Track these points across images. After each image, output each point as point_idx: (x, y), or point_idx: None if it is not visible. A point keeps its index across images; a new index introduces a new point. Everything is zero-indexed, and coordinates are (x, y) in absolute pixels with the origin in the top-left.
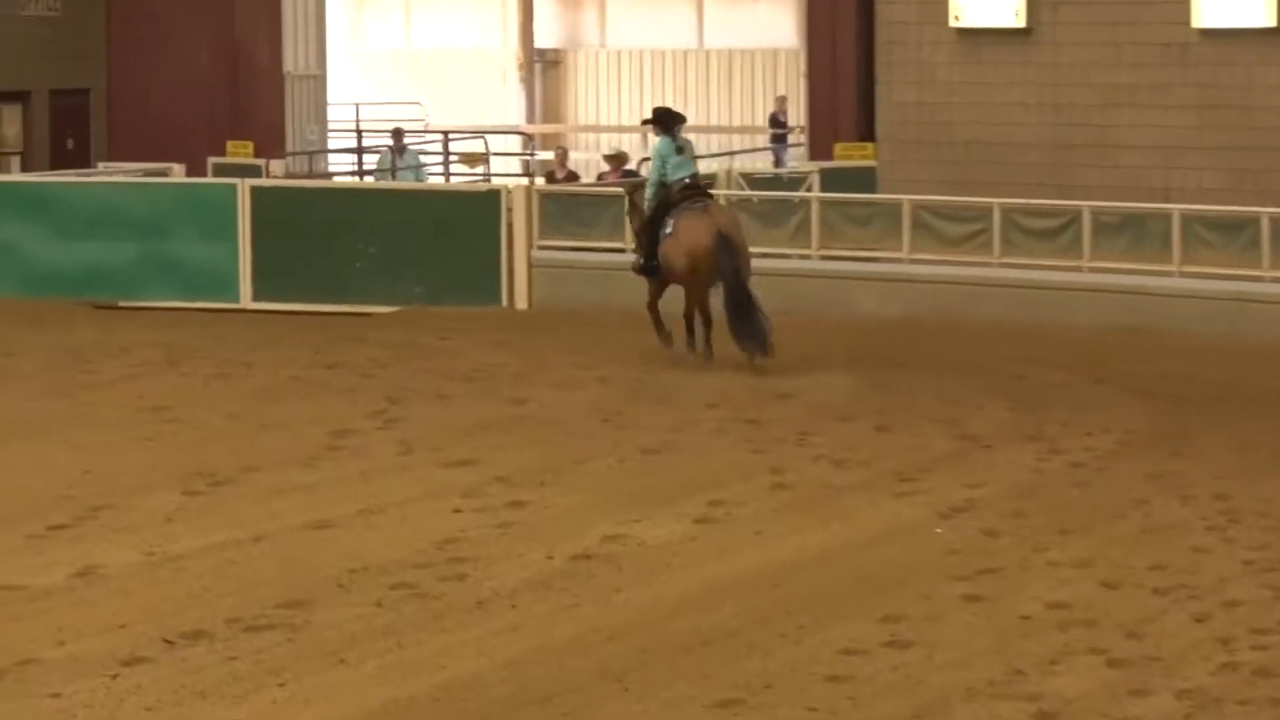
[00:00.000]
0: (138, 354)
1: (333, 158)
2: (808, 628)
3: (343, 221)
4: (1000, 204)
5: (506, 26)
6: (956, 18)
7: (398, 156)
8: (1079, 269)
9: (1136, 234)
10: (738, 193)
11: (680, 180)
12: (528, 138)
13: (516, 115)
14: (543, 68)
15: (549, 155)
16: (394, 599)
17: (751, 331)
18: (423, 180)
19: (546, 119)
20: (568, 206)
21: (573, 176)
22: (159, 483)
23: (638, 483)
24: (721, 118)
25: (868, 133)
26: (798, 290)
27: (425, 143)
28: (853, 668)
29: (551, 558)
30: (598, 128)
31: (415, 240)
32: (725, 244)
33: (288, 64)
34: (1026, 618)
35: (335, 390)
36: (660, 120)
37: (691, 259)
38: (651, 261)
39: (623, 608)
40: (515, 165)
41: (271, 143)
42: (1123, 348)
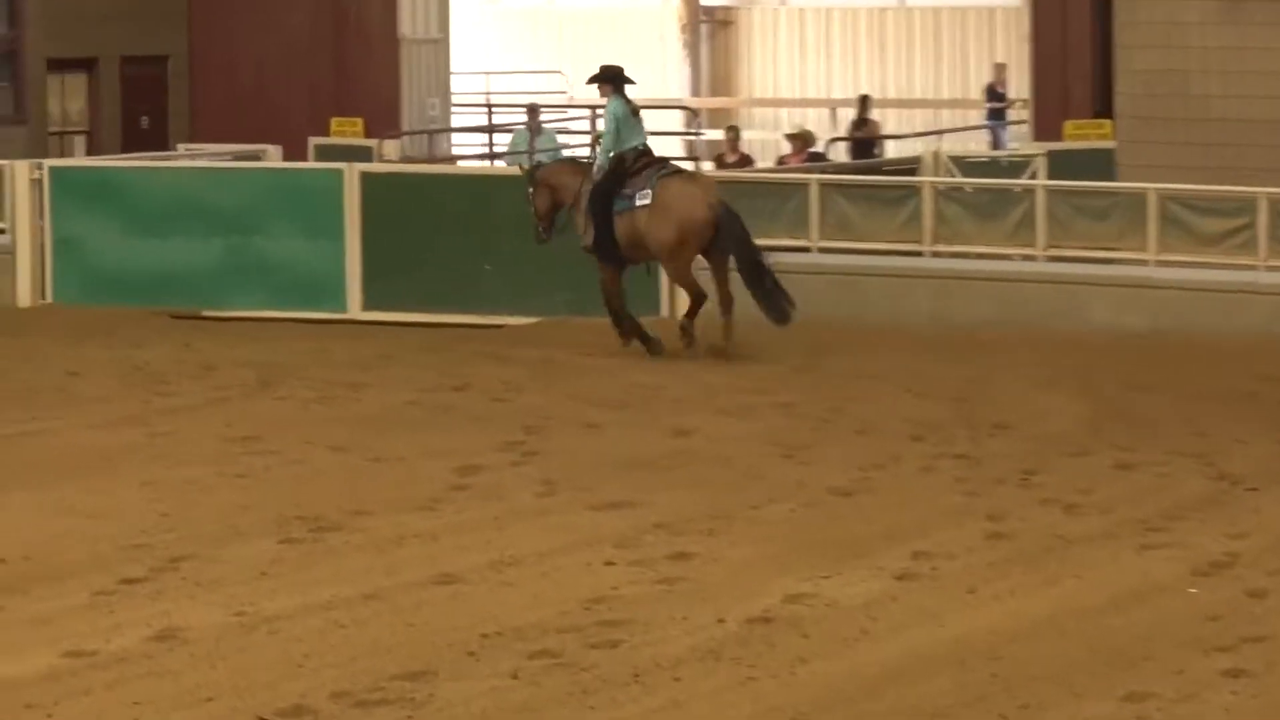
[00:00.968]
0: (224, 374)
1: (457, 137)
2: (1033, 708)
3: (470, 215)
4: (1267, 195)
5: None
6: None
7: (534, 137)
8: None
9: None
10: (947, 180)
11: (634, 148)
12: (692, 114)
13: (678, 87)
14: (710, 29)
15: (718, 135)
16: (533, 669)
17: (778, 299)
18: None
19: (714, 91)
20: (741, 196)
21: (746, 160)
22: (251, 529)
23: (826, 531)
24: (927, 89)
25: (1104, 108)
26: (1019, 297)
27: (567, 119)
28: None
29: (722, 621)
30: (777, 101)
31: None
32: (726, 212)
33: (403, 26)
34: None
35: (462, 418)
36: (612, 79)
37: (682, 230)
38: (606, 239)
39: (808, 683)
40: (677, 147)
41: (384, 120)
42: None
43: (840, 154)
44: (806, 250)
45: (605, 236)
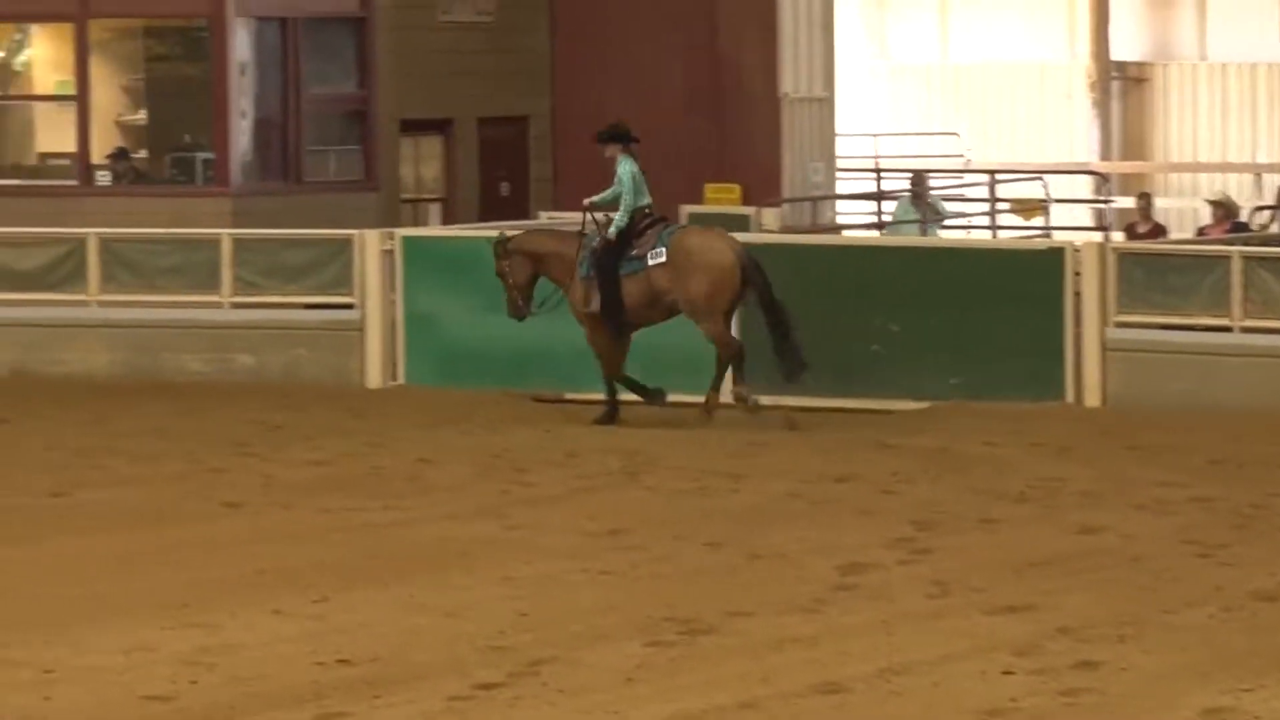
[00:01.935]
0: (588, 461)
1: (842, 205)
2: None
3: (856, 290)
4: None
5: (1074, 33)
6: None
7: (919, 206)
8: None
9: None
10: None
11: (641, 208)
12: (1101, 179)
13: (1086, 150)
14: (1122, 87)
15: (1128, 202)
16: None
17: (795, 350)
18: (933, 233)
19: (1126, 154)
20: (1155, 270)
21: (1159, 230)
22: (616, 630)
23: (1249, 639)
24: None
25: None
26: None
27: (963, 185)
28: None
29: None
30: (1196, 166)
31: (951, 315)
32: (750, 260)
33: (785, 84)
34: None
35: (847, 511)
36: (621, 138)
37: (712, 281)
38: (613, 302)
39: None
40: (1085, 215)
41: (764, 186)
42: None
43: (1267, 224)
44: (1227, 330)
45: (612, 300)
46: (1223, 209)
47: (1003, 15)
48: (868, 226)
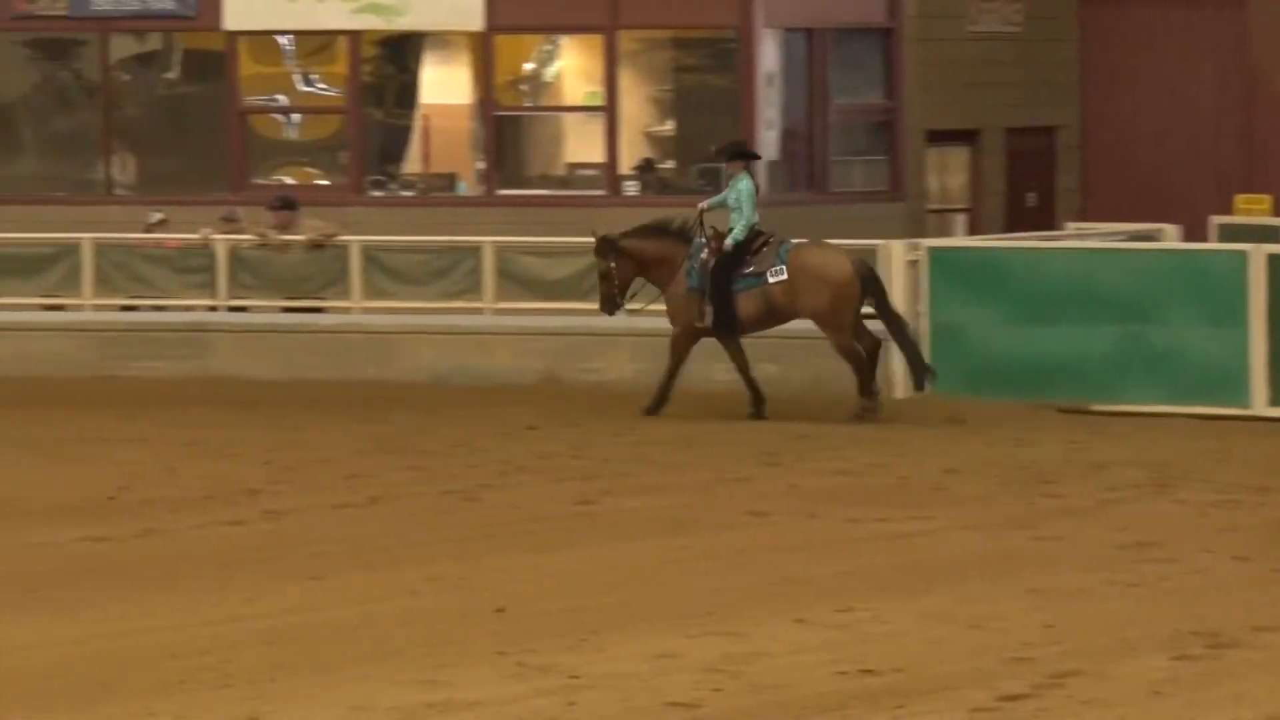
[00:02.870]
0: (1116, 473)
1: None
2: None
3: None
4: None
5: None
6: None
7: None
8: None
9: None
10: None
11: (752, 225)
12: None
13: None
14: None
15: None
16: None
17: (919, 356)
18: None
19: None
20: None
21: None
22: (1142, 643)
23: None
24: None
25: None
26: None
27: None
28: None
29: None
30: None
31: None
32: (869, 271)
33: None
34: None
35: None
36: (742, 155)
37: (835, 294)
38: (726, 315)
39: None
40: None
41: None
42: None
43: None
44: None
45: (726, 315)
46: None
47: None
48: None
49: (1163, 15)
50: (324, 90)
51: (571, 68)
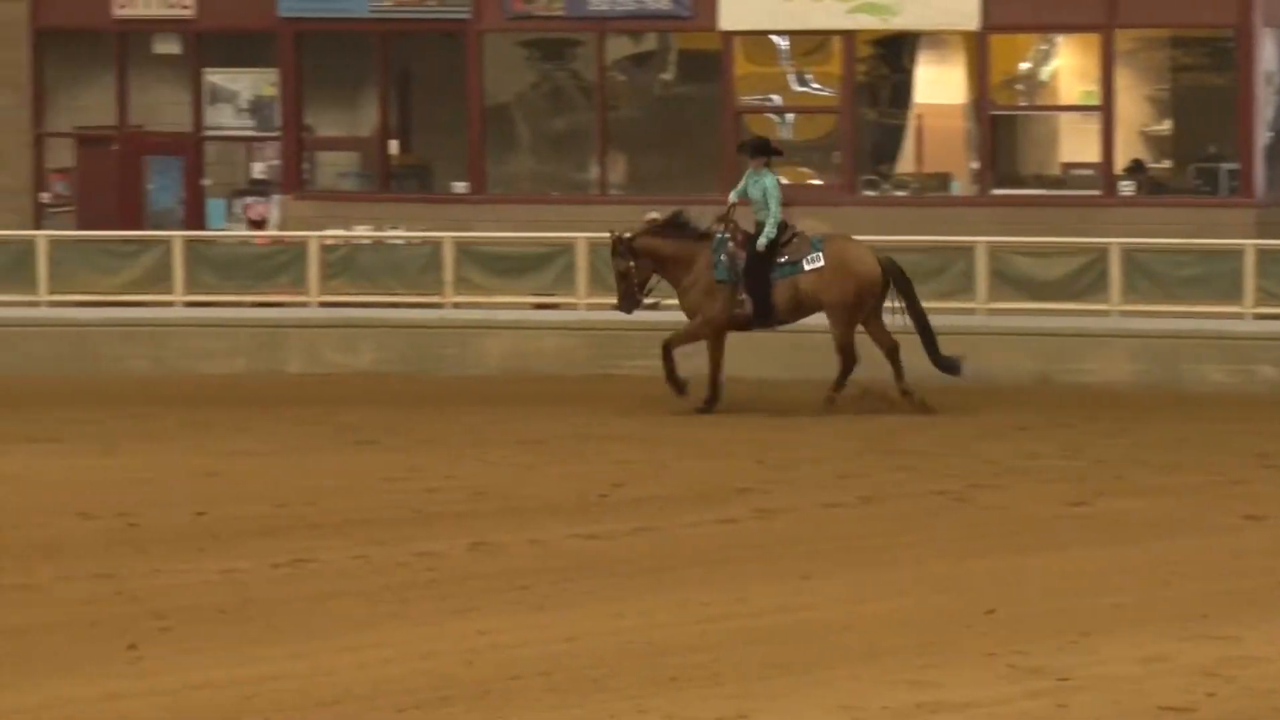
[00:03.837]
0: None
1: None
2: None
3: None
4: None
5: None
6: None
7: None
8: None
9: None
10: None
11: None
12: None
13: None
14: None
15: None
16: None
17: (939, 349)
18: None
19: None
20: None
21: None
22: None
23: None
24: None
25: None
26: None
27: None
28: None
29: None
30: None
31: None
32: (895, 268)
33: None
34: None
35: None
36: (766, 150)
37: (859, 289)
38: (765, 305)
39: None
40: None
41: None
42: None
43: None
44: None
45: (765, 304)
46: None
47: None
48: None
49: None
50: (818, 90)
51: (1067, 67)
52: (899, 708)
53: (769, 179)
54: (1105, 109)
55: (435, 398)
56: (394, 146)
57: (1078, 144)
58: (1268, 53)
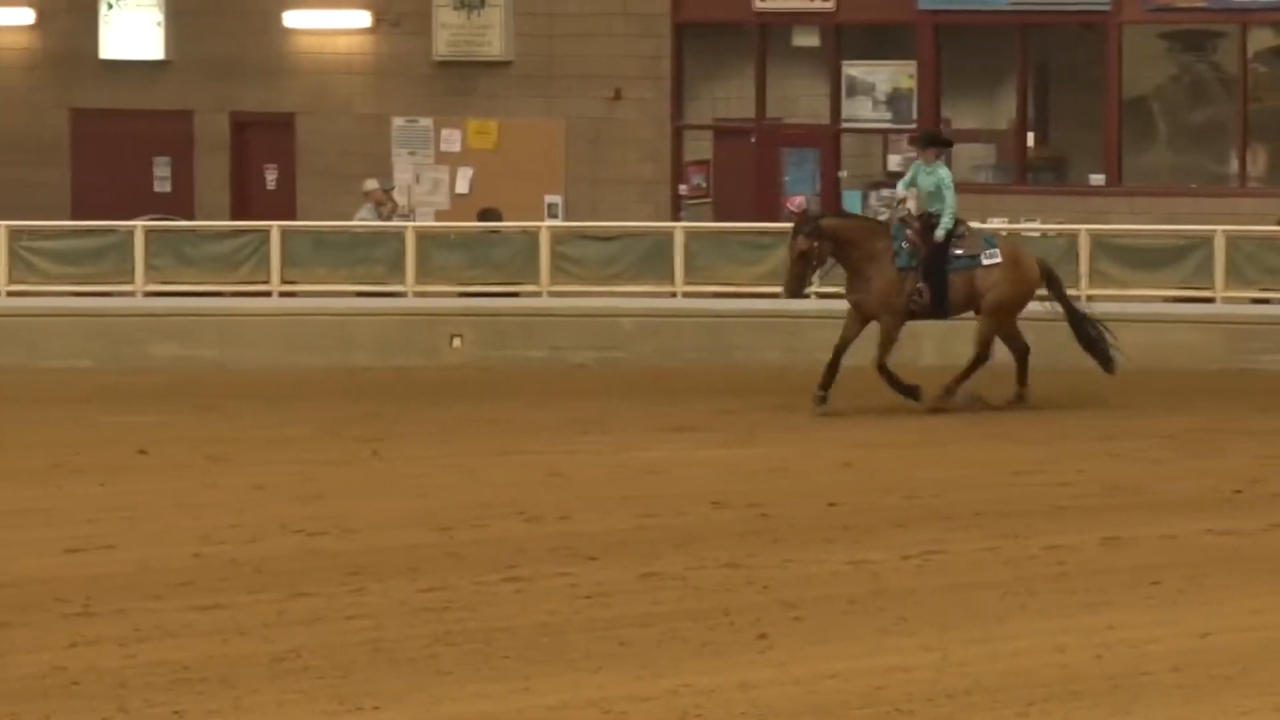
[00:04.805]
0: None
1: None
2: None
3: None
4: None
5: None
6: None
7: None
8: None
9: None
10: None
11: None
12: None
13: None
14: None
15: None
16: None
17: (1098, 342)
18: None
19: None
20: None
21: None
22: None
23: None
24: None
25: None
26: None
27: None
28: None
29: None
30: None
31: None
32: (1051, 270)
33: None
34: None
35: None
36: (940, 143)
37: (1025, 290)
38: (942, 297)
39: None
40: None
41: None
42: None
43: None
44: None
45: (942, 294)
46: None
47: None
48: None
49: None
50: None
51: None
52: None
53: (943, 170)
54: None
55: (1068, 390)
56: (1030, 139)
57: None
58: None
